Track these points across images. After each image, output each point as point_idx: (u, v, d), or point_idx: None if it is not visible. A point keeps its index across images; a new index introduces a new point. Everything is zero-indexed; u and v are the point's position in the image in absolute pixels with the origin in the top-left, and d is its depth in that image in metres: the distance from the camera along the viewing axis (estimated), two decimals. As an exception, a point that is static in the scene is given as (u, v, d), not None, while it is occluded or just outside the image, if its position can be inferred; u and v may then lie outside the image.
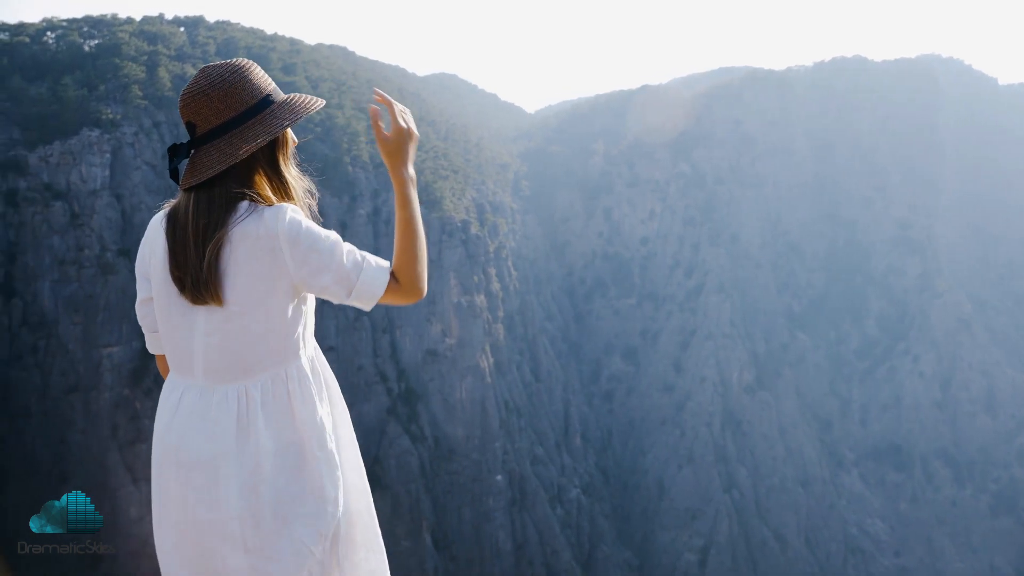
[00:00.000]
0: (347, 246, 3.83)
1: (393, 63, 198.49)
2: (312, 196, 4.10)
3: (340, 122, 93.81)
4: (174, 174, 3.75)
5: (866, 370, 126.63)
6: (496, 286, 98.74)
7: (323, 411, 3.80)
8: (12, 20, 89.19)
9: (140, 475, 60.02)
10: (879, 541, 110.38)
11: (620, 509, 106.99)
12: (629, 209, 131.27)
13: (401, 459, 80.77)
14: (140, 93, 79.08)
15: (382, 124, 3.99)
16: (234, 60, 3.76)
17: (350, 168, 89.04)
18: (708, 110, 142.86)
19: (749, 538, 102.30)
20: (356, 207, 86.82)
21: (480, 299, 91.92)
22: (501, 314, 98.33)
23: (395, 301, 3.87)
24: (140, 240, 3.98)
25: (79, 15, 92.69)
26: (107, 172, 71.63)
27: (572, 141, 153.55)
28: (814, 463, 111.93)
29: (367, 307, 3.83)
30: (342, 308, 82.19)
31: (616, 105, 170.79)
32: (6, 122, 71.69)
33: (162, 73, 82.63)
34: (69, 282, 66.93)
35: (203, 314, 3.63)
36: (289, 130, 3.93)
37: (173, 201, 3.81)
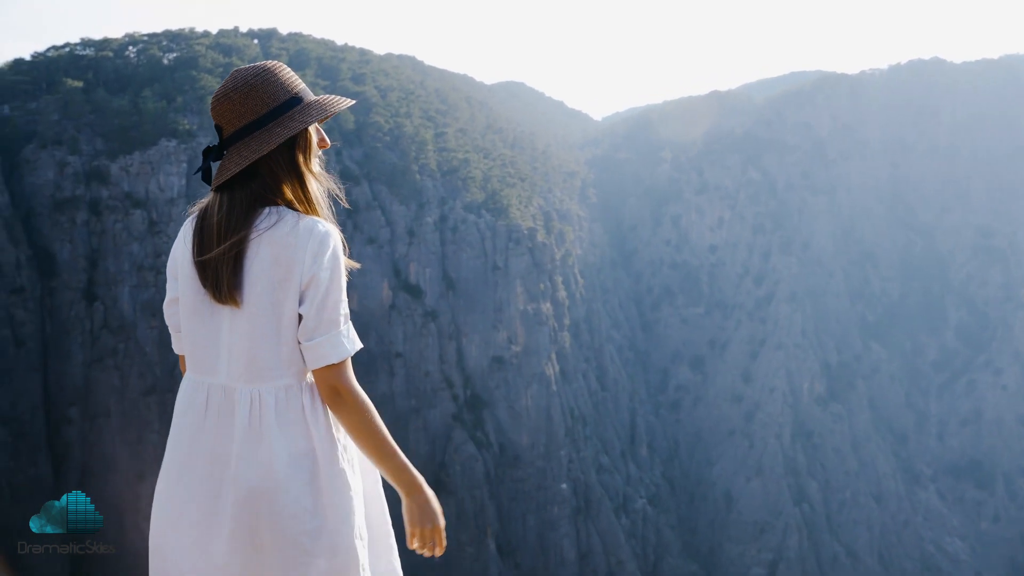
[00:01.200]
0: (344, 303, 3.75)
1: (461, 72, 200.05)
2: (340, 198, 4.11)
3: (408, 131, 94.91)
4: (206, 175, 3.84)
5: (944, 383, 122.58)
6: (562, 294, 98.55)
7: (338, 430, 3.80)
8: (97, 36, 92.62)
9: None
10: (958, 560, 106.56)
11: (687, 520, 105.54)
12: (697, 216, 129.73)
13: (466, 465, 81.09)
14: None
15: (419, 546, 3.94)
16: (262, 63, 3.83)
17: (418, 176, 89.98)
18: (778, 115, 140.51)
19: (820, 553, 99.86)
20: (423, 215, 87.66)
21: (546, 307, 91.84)
22: (567, 322, 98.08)
23: (327, 382, 3.65)
24: None
25: (159, 30, 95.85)
26: (183, 181, 73.97)
27: (639, 148, 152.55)
28: (888, 478, 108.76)
29: (311, 363, 3.66)
30: (410, 315, 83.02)
31: (684, 111, 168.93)
32: (91, 134, 74.46)
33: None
34: (147, 287, 69.15)
35: (228, 313, 3.68)
36: (314, 131, 3.94)
37: (203, 202, 3.89)
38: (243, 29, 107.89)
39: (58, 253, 69.59)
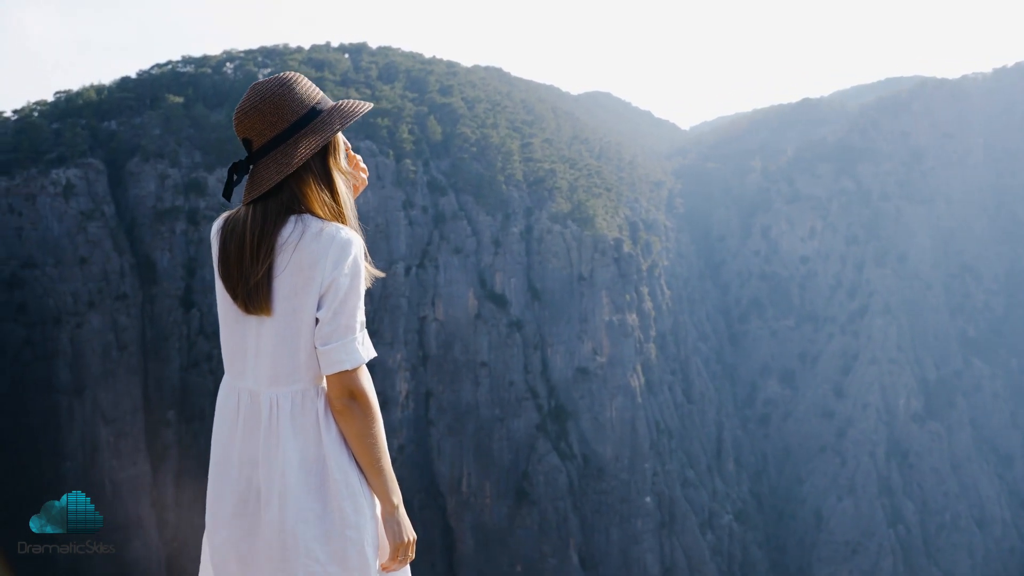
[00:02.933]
0: (361, 311, 3.78)
1: (547, 82, 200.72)
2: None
3: (495, 141, 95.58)
4: (228, 192, 3.87)
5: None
6: (648, 305, 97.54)
7: None
8: (197, 54, 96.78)
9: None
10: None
11: (774, 539, 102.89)
12: (788, 227, 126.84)
13: (549, 476, 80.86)
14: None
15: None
16: (282, 74, 3.89)
17: (504, 187, 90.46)
18: (874, 123, 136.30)
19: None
20: (509, 225, 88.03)
21: (632, 318, 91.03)
22: (653, 333, 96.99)
23: (343, 386, 3.68)
24: None
25: (255, 46, 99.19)
26: (277, 192, 76.05)
27: (728, 157, 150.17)
28: (992, 501, 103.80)
29: (325, 368, 3.70)
30: (495, 324, 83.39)
31: (774, 120, 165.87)
32: (189, 147, 77.44)
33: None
34: (241, 295, 71.40)
35: (255, 320, 3.77)
36: (340, 136, 3.98)
37: (227, 213, 3.94)
38: (334, 44, 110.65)
39: (158, 261, 72.51)
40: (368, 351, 3.75)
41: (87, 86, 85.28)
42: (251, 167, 3.81)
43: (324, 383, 3.78)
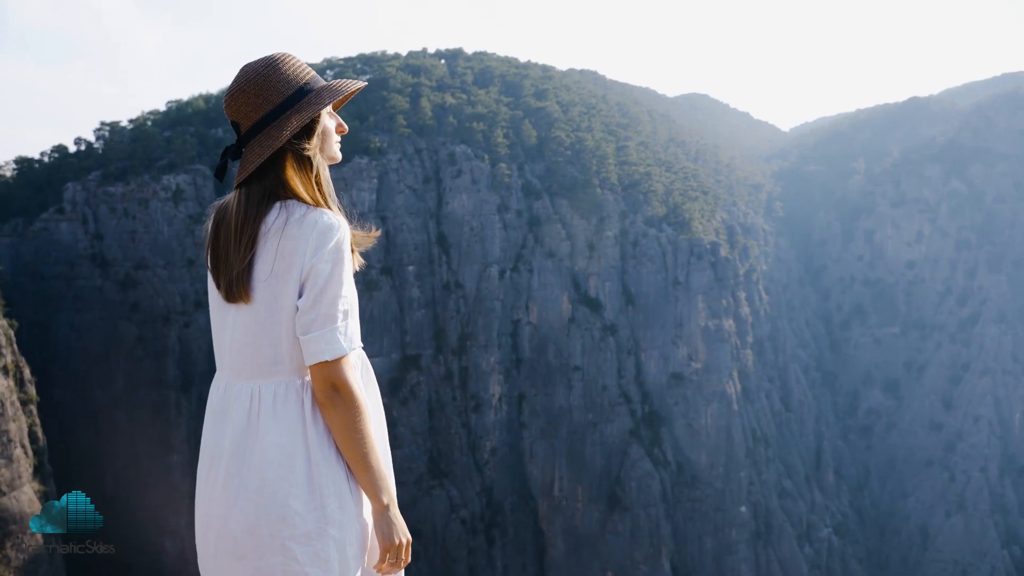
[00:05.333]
0: (347, 298, 3.60)
1: (643, 85, 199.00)
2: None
3: (589, 144, 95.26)
4: (220, 173, 3.82)
5: None
6: (746, 310, 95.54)
7: None
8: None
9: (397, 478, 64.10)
10: None
11: (876, 555, 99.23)
12: (893, 231, 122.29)
13: (642, 482, 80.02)
14: (404, 122, 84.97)
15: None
16: (270, 54, 3.78)
17: (598, 190, 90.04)
18: (987, 121, 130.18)
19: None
20: (604, 228, 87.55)
21: (728, 323, 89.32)
22: (750, 339, 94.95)
23: (324, 378, 3.53)
24: (402, 259, 4.03)
25: (354, 54, 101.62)
26: (374, 196, 77.83)
27: (830, 159, 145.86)
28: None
29: (307, 359, 3.55)
30: (588, 328, 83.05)
31: (879, 120, 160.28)
32: (292, 152, 79.98)
33: (424, 103, 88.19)
34: (340, 297, 73.22)
35: (232, 309, 3.67)
36: (329, 117, 3.87)
37: (221, 200, 3.89)
38: (431, 50, 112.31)
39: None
40: (351, 341, 3.60)
41: (196, 95, 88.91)
42: (242, 151, 3.75)
43: (307, 377, 3.66)
